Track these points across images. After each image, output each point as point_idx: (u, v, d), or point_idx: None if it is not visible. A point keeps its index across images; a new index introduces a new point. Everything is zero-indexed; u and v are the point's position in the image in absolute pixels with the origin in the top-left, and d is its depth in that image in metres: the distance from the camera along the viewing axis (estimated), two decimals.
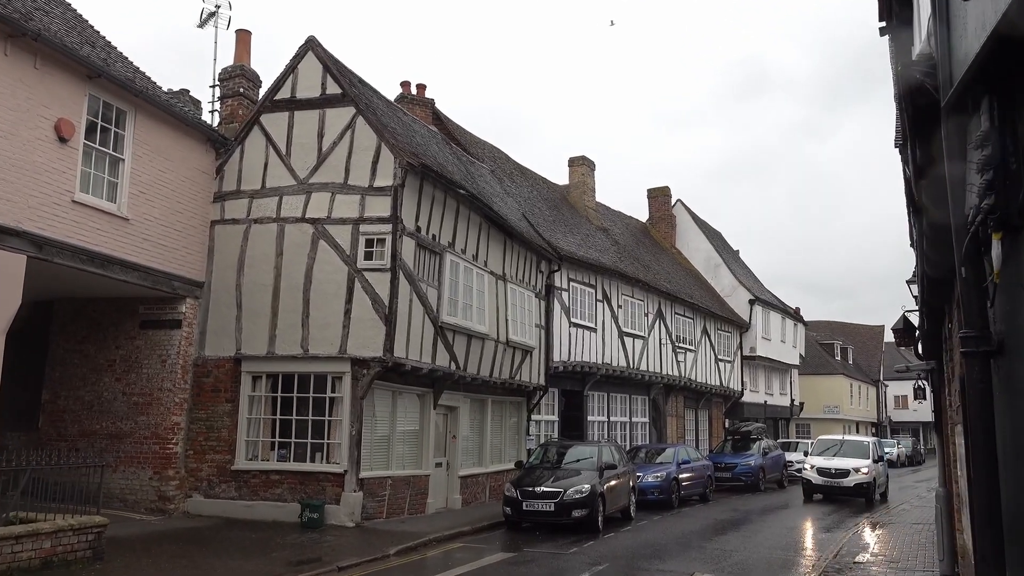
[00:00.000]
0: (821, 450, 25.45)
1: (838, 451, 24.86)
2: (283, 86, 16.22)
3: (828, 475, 23.82)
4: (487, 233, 18.84)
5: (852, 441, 26.40)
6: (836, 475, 23.66)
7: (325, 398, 15.00)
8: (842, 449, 25.00)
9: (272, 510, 14.68)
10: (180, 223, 15.35)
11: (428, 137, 19.51)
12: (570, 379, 24.08)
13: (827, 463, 24.06)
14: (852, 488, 23.35)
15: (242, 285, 15.70)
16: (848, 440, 26.55)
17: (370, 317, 14.84)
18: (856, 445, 25.50)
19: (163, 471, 14.97)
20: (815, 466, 24.20)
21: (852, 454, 24.51)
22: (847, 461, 23.93)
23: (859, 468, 23.53)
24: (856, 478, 23.38)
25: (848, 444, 25.64)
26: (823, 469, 23.93)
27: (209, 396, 15.53)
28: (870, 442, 25.69)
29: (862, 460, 24.04)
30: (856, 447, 25.22)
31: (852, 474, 23.41)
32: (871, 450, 24.83)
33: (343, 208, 15.38)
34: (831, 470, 23.78)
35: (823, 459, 24.46)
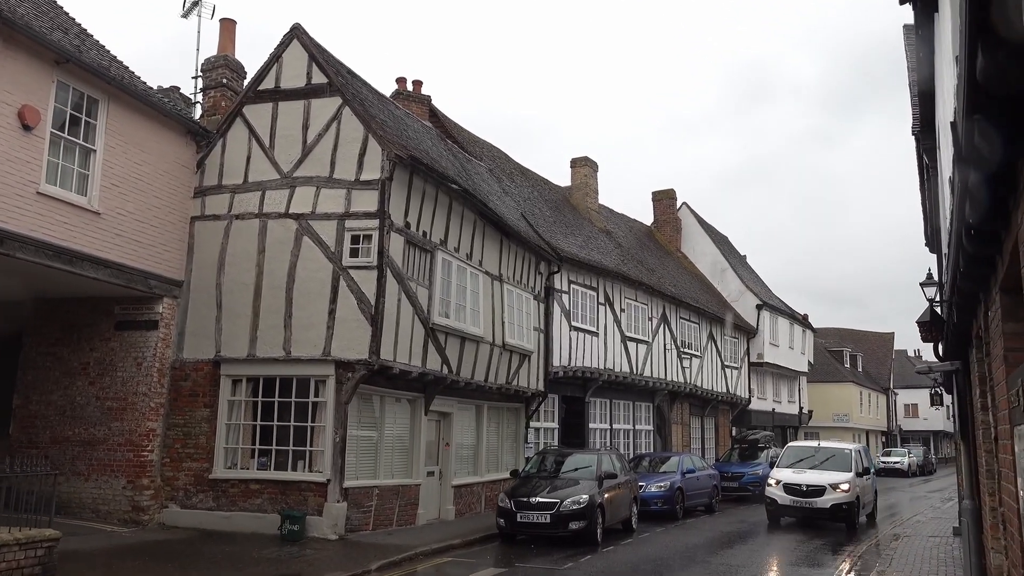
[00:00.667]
0: (791, 461, 20.47)
1: (813, 462, 19.97)
2: (267, 76, 15.49)
3: (798, 493, 18.74)
4: (482, 231, 18.06)
5: (830, 449, 20.95)
6: (808, 493, 18.66)
7: (308, 403, 14.20)
8: (817, 460, 20.05)
9: (251, 521, 13.88)
10: (157, 219, 14.61)
11: (422, 132, 18.76)
12: (571, 385, 23.25)
13: (797, 478, 19.07)
14: (829, 510, 18.40)
15: (222, 284, 14.94)
16: (825, 448, 21.21)
17: (355, 317, 14.06)
18: (835, 455, 20.25)
19: (137, 480, 14.19)
20: (781, 481, 19.13)
21: (829, 466, 19.54)
22: (822, 475, 19.02)
23: (837, 484, 18.54)
24: (833, 497, 18.39)
25: (825, 453, 20.43)
26: (792, 486, 18.86)
27: (187, 401, 14.76)
28: (852, 450, 20.37)
29: (841, 474, 19.05)
30: (835, 457, 20.07)
31: (828, 492, 18.48)
32: (853, 461, 19.70)
33: (328, 203, 14.63)
34: (801, 487, 18.72)
35: (792, 472, 19.47)
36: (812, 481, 18.78)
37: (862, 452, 21.18)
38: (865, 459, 21.07)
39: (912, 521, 21.04)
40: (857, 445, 21.82)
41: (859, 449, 21.06)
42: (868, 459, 21.90)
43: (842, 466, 19.34)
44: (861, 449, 21.41)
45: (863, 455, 21.06)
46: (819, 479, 18.79)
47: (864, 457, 21.05)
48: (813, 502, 18.53)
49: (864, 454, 21.34)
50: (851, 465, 19.33)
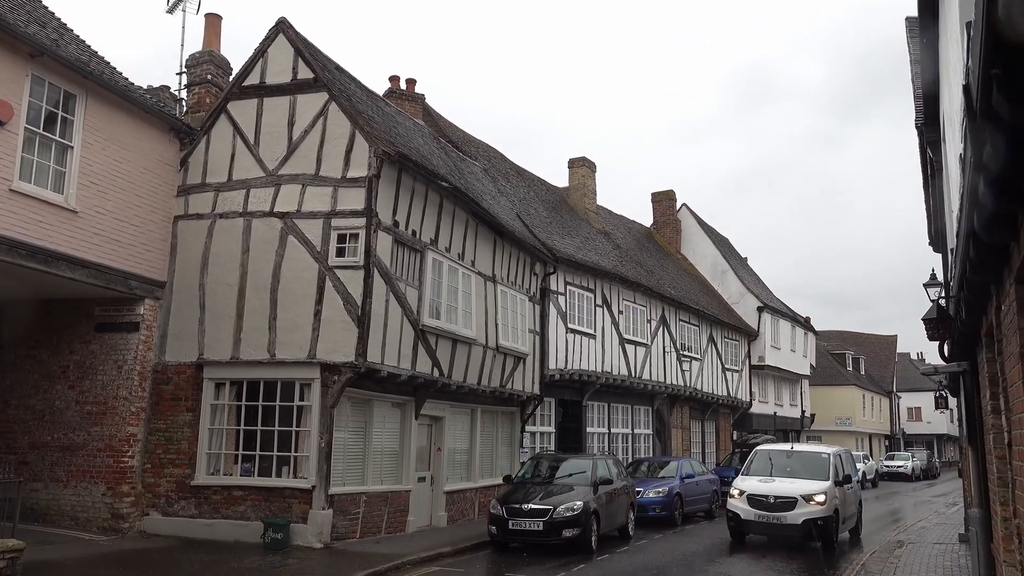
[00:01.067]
0: (760, 467, 17.22)
1: (784, 469, 16.85)
2: (252, 71, 15.09)
3: (764, 506, 15.65)
4: (475, 231, 17.63)
5: (805, 454, 17.91)
6: (776, 506, 15.55)
7: (293, 407, 13.77)
8: (790, 466, 16.94)
9: (234, 529, 13.44)
10: (138, 217, 14.20)
11: (413, 130, 18.35)
12: (568, 388, 22.80)
13: (763, 488, 15.94)
14: (800, 527, 15.31)
15: (206, 285, 14.53)
16: (799, 452, 18.15)
17: (341, 319, 13.64)
18: (810, 459, 17.21)
19: (117, 487, 13.76)
20: (745, 492, 16.00)
21: (804, 473, 16.49)
22: (794, 485, 15.94)
23: (811, 495, 15.50)
24: (806, 511, 15.33)
25: (799, 459, 17.35)
26: (757, 498, 15.80)
27: (169, 405, 14.33)
28: (830, 455, 17.13)
29: (817, 482, 15.96)
30: (810, 462, 17.02)
31: (800, 505, 15.43)
32: (832, 467, 16.56)
33: (314, 201, 14.22)
34: (768, 499, 15.66)
35: (759, 482, 16.29)
36: (781, 492, 15.66)
37: (842, 457, 17.91)
38: (846, 465, 17.76)
39: (916, 527, 20.56)
40: (837, 448, 18.55)
41: (839, 453, 17.80)
42: (851, 465, 18.40)
43: (818, 473, 16.34)
44: (842, 453, 18.19)
45: (844, 460, 17.81)
46: (790, 489, 15.69)
47: (845, 463, 17.79)
48: (782, 517, 15.42)
49: (845, 459, 18.13)
50: (829, 472, 16.29)
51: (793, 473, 16.53)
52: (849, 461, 18.42)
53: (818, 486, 15.75)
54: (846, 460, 18.13)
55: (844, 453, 18.60)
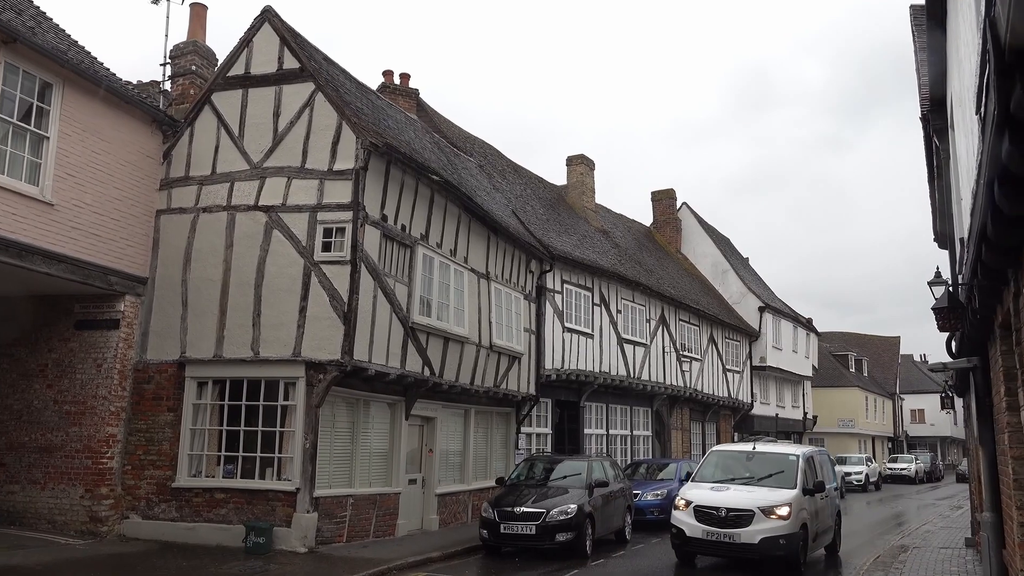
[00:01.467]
0: (714, 472, 14.29)
1: (743, 474, 14.03)
2: (237, 61, 14.66)
3: (714, 520, 12.60)
4: (467, 227, 17.18)
5: (768, 455, 14.44)
6: (728, 521, 12.52)
7: (277, 406, 13.33)
8: (750, 469, 14.12)
9: (216, 533, 13.00)
10: (118, 211, 13.77)
11: (404, 123, 17.92)
12: (565, 389, 22.35)
13: (714, 498, 12.97)
14: (757, 546, 12.29)
15: (188, 281, 14.09)
16: (762, 453, 14.60)
17: (327, 316, 13.20)
18: (774, 463, 14.03)
19: (95, 489, 13.31)
20: (692, 503, 12.99)
21: (765, 479, 13.59)
22: (752, 494, 13.05)
23: (772, 507, 12.52)
24: (766, 527, 12.30)
25: (761, 461, 14.25)
26: (705, 510, 12.75)
27: (150, 404, 13.89)
28: (800, 456, 14.00)
29: (780, 491, 13.02)
30: (774, 466, 13.90)
31: (758, 519, 12.39)
32: (800, 472, 13.49)
33: (300, 194, 13.78)
34: (719, 512, 12.63)
35: (710, 491, 13.30)
36: (735, 503, 12.71)
37: (816, 460, 14.97)
38: (821, 469, 14.94)
39: (921, 531, 20.07)
40: (810, 449, 15.42)
41: (811, 455, 14.74)
42: (827, 469, 15.80)
43: (784, 480, 13.36)
44: (815, 455, 15.15)
45: (817, 464, 14.93)
46: (746, 500, 12.79)
47: (819, 467, 14.95)
48: (734, 535, 12.41)
49: (820, 462, 15.23)
50: (796, 478, 13.30)
51: (753, 479, 13.68)
52: (825, 464, 15.78)
53: (781, 496, 12.82)
54: (821, 463, 15.31)
55: (819, 455, 15.71)
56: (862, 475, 38.52)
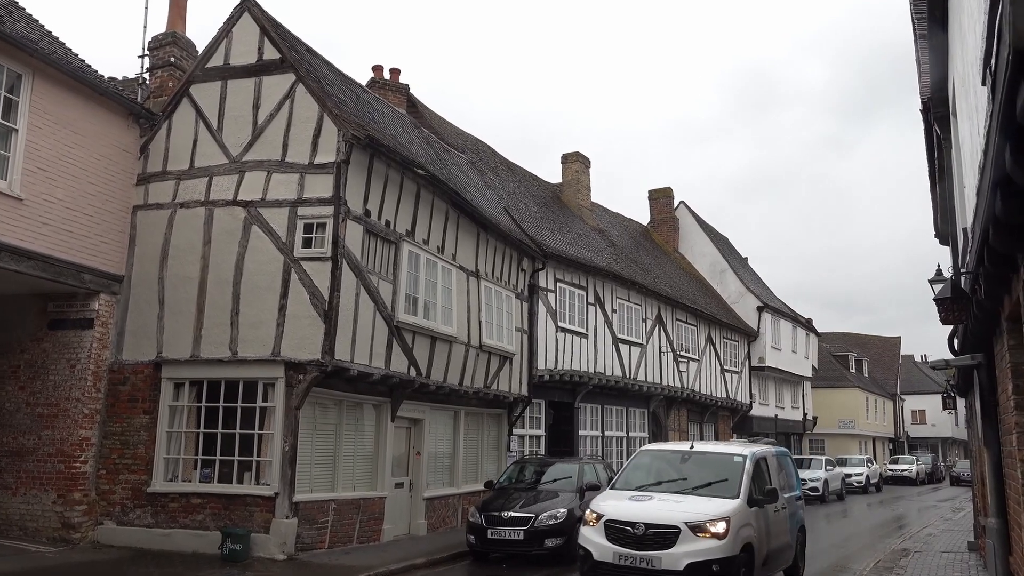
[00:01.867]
0: (639, 476, 11.31)
1: (674, 480, 11.05)
2: (216, 52, 14.23)
3: (628, 540, 9.77)
4: (456, 223, 16.73)
5: (709, 456, 11.63)
6: (646, 541, 9.69)
7: (255, 408, 12.88)
8: (684, 473, 11.15)
9: (192, 540, 12.54)
10: (92, 207, 13.33)
11: (392, 118, 17.48)
12: (559, 389, 21.89)
13: (631, 510, 10.06)
14: (682, 574, 9.46)
15: (165, 278, 13.65)
16: (701, 453, 11.69)
17: (307, 314, 12.76)
18: (715, 465, 11.21)
19: (68, 494, 12.86)
20: (604, 517, 10.09)
21: (699, 487, 10.65)
22: (680, 506, 10.13)
23: (703, 523, 9.66)
24: (693, 548, 9.53)
25: (699, 463, 11.31)
26: (619, 526, 9.88)
27: (125, 407, 13.44)
28: (748, 458, 10.98)
29: (717, 502, 10.15)
30: (714, 469, 11.04)
31: (685, 538, 9.57)
32: (746, 476, 10.59)
33: (280, 189, 13.34)
34: (636, 529, 9.73)
35: (630, 500, 10.41)
36: (656, 517, 9.71)
37: (768, 462, 11.74)
38: (777, 474, 11.94)
39: (923, 534, 19.61)
40: (762, 448, 12.04)
41: (763, 456, 11.55)
42: (787, 472, 12.79)
43: (724, 488, 10.42)
44: (768, 456, 11.89)
45: (771, 467, 11.75)
46: (671, 513, 9.80)
47: (774, 470, 11.84)
48: (654, 559, 9.50)
49: (775, 464, 12.10)
50: (740, 485, 10.34)
51: (687, 486, 10.72)
52: (785, 468, 12.72)
53: (717, 507, 9.89)
54: (777, 466, 12.17)
55: (775, 456, 12.39)
56: (863, 476, 38.08)
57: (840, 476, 34.32)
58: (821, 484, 31.47)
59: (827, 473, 32.59)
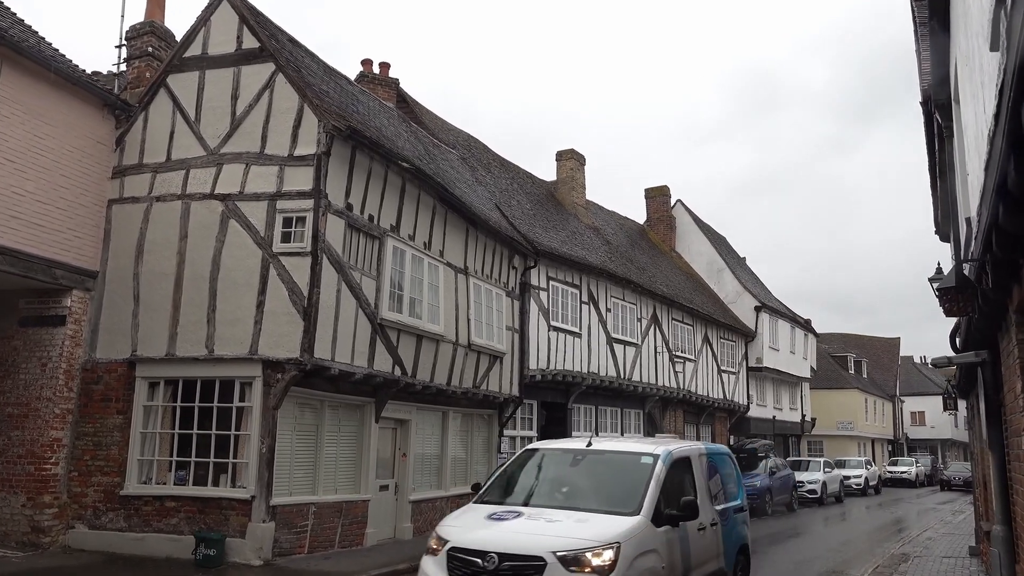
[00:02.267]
0: (515, 484, 8.79)
1: (562, 489, 8.52)
2: (193, 41, 13.81)
3: None
4: (443, 218, 16.29)
5: (607, 457, 8.84)
6: None
7: (232, 408, 12.44)
8: (576, 480, 8.53)
9: (166, 544, 12.10)
10: (64, 200, 12.90)
11: (378, 111, 17.04)
12: (551, 390, 21.45)
13: (485, 536, 7.39)
14: None
15: (140, 274, 13.22)
16: (597, 453, 8.80)
17: (286, 311, 12.32)
18: (614, 470, 8.54)
19: (38, 497, 12.42)
20: (448, 543, 7.47)
21: (594, 499, 8.02)
22: (551, 526, 7.37)
23: (579, 553, 6.92)
24: None
25: (595, 466, 8.65)
26: (466, 558, 7.22)
27: (98, 406, 13.00)
28: (659, 458, 8.27)
29: (603, 521, 7.41)
30: (613, 476, 8.43)
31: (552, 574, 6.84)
32: (654, 485, 7.90)
33: (258, 181, 12.91)
34: (488, 562, 7.05)
35: (488, 519, 7.73)
36: (514, 545, 7.20)
37: (694, 465, 9.05)
38: (703, 481, 9.09)
39: (922, 538, 19.18)
40: (687, 447, 9.40)
41: (684, 457, 8.91)
42: (721, 478, 9.81)
43: (622, 500, 7.83)
44: (694, 456, 9.20)
45: (697, 472, 9.05)
46: (534, 538, 7.24)
47: (701, 477, 9.09)
48: None
49: (703, 468, 9.29)
50: (642, 498, 7.74)
51: (574, 498, 8.07)
52: (722, 470, 9.77)
53: (604, 529, 7.25)
54: (706, 470, 9.24)
55: (703, 456, 9.39)
56: (861, 479, 37.68)
57: (838, 478, 33.91)
58: (819, 486, 31.15)
59: (825, 475, 32.23)
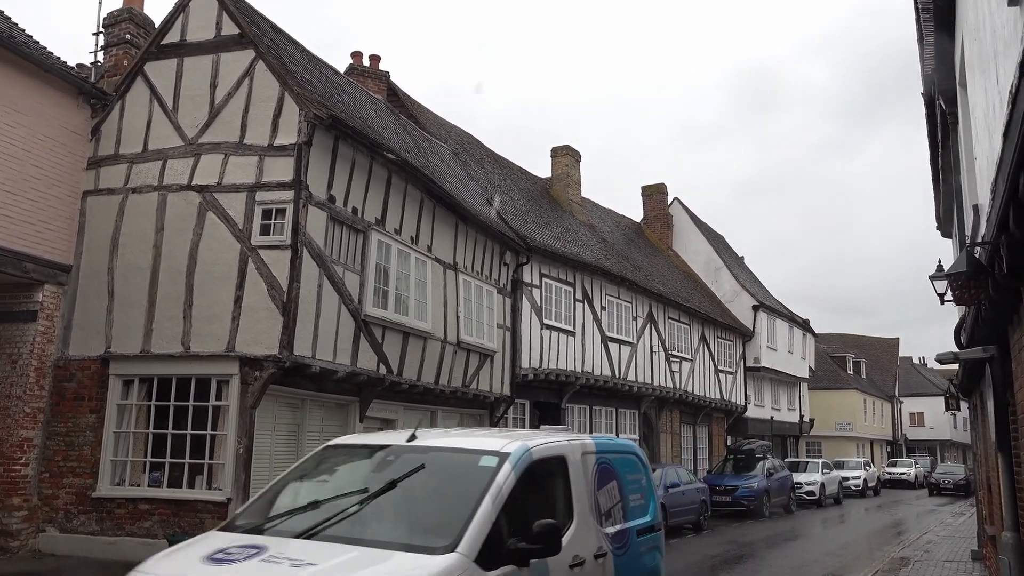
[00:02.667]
0: (286, 498, 5.43)
1: (345, 511, 4.77)
2: (172, 28, 13.37)
3: None
4: (431, 213, 15.85)
5: (427, 457, 5.23)
6: None
7: (208, 407, 11.98)
8: (369, 496, 4.88)
9: (139, 548, 11.53)
10: (36, 192, 12.45)
11: (365, 102, 16.60)
12: (544, 389, 21.01)
13: None
14: None
15: (115, 268, 12.77)
16: (416, 452, 5.32)
17: (264, 306, 11.87)
18: (434, 476, 5.07)
19: (7, 499, 11.95)
20: None
21: (387, 525, 4.76)
22: (306, 572, 4.10)
23: None
24: None
25: (406, 470, 4.98)
26: None
27: (71, 405, 12.54)
28: (504, 460, 5.06)
29: (391, 564, 4.21)
30: (430, 486, 5.02)
31: None
32: (488, 501, 4.66)
33: (237, 172, 12.46)
34: None
35: (209, 561, 4.40)
36: None
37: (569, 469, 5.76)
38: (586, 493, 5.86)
39: (922, 541, 18.74)
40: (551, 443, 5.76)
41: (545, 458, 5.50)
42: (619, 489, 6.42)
43: (432, 527, 4.69)
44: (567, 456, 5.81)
45: (573, 480, 5.75)
46: None
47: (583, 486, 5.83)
48: None
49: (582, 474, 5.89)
50: (464, 524, 4.54)
51: (368, 523, 4.83)
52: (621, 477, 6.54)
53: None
54: (594, 478, 6.07)
55: (587, 458, 6.10)
56: (860, 480, 37.27)
57: (837, 479, 33.49)
58: (818, 488, 30.76)
59: (824, 476, 31.83)
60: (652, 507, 7.05)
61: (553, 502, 5.66)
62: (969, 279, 4.73)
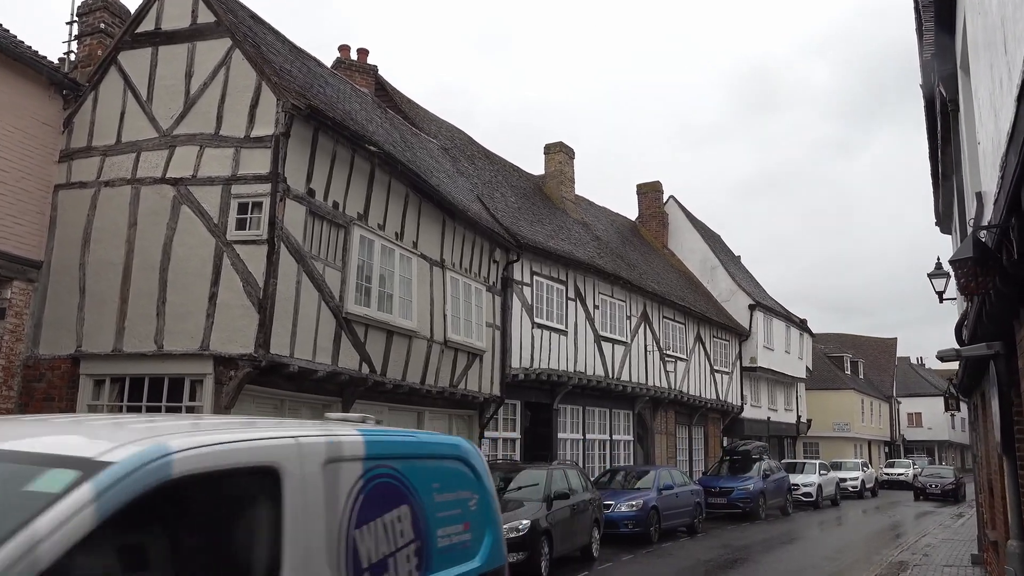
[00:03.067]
0: None
1: None
2: (146, 16, 12.95)
3: None
4: (417, 208, 15.43)
5: None
6: None
7: (182, 408, 11.56)
8: None
9: None
10: (5, 186, 12.02)
11: (350, 95, 16.17)
12: (535, 390, 20.59)
13: None
14: None
15: (87, 264, 12.34)
16: None
17: (240, 303, 11.45)
18: None
19: None
20: None
21: None
22: None
23: None
24: None
25: None
26: None
27: (40, 406, 12.11)
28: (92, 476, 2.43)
29: None
30: None
31: None
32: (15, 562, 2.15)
33: (212, 165, 12.03)
34: None
35: None
36: None
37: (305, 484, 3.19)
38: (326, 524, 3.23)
39: (921, 544, 18.34)
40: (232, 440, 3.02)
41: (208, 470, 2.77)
42: (421, 511, 3.91)
43: None
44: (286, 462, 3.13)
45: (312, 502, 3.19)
46: None
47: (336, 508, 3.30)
48: None
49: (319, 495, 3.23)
50: None
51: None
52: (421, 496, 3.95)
53: None
54: (350, 500, 3.39)
55: (321, 461, 3.31)
56: (858, 481, 36.86)
57: (834, 481, 33.07)
58: (815, 489, 30.36)
59: (821, 478, 31.42)
60: (489, 542, 4.52)
61: (231, 559, 3.00)
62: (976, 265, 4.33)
